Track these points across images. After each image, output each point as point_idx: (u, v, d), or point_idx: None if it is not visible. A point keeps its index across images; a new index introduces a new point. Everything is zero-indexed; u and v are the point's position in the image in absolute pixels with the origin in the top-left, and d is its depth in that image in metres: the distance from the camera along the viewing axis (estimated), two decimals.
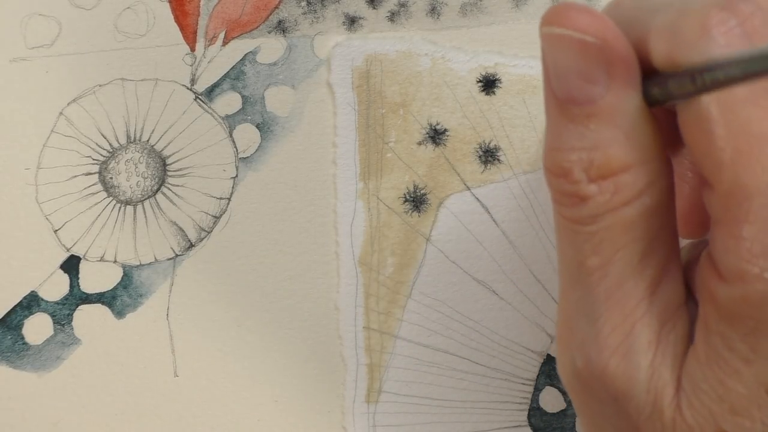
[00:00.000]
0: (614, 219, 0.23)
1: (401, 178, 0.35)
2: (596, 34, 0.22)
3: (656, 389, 0.23)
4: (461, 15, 0.35)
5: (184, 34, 0.35)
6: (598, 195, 0.23)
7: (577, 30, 0.22)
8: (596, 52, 0.22)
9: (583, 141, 0.23)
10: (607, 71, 0.22)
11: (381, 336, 0.35)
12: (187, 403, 0.35)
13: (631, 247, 0.23)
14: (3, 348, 0.35)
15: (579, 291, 0.24)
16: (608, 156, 0.22)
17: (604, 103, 0.22)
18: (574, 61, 0.23)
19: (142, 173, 0.35)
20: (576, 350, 0.24)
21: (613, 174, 0.23)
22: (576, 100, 0.23)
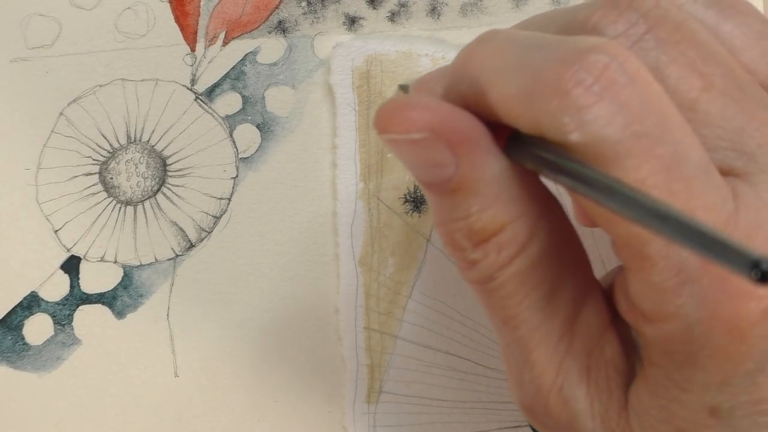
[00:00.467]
0: (507, 274, 0.23)
1: (401, 178, 0.35)
2: (424, 128, 0.22)
3: (600, 415, 0.24)
4: (461, 15, 0.35)
5: (184, 35, 0.35)
6: (484, 258, 0.23)
7: (405, 131, 0.22)
8: (431, 143, 0.22)
9: (457, 212, 0.23)
10: (451, 152, 0.23)
11: (381, 336, 0.35)
12: (187, 403, 0.35)
13: (534, 294, 0.24)
14: (3, 348, 0.35)
15: (504, 339, 0.25)
16: (482, 221, 0.23)
17: (459, 178, 0.23)
18: (415, 156, 0.23)
19: (142, 173, 0.35)
20: (519, 390, 0.25)
21: (493, 235, 0.23)
22: (434, 184, 0.23)
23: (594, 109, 0.21)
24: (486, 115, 0.23)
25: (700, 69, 0.22)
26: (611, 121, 0.21)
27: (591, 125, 0.21)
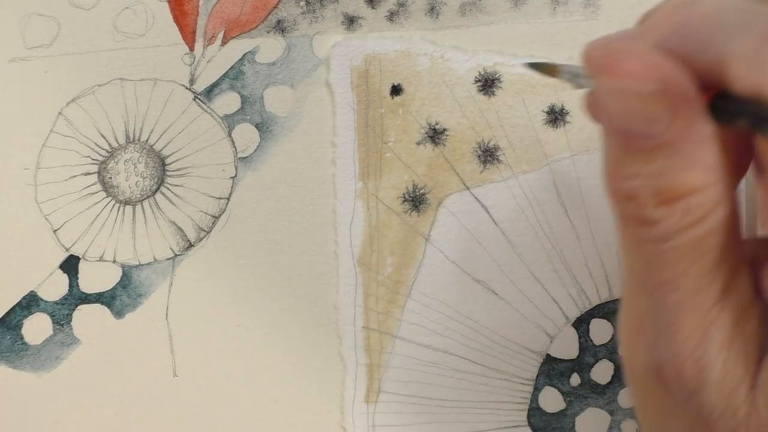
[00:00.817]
0: (684, 239, 0.23)
1: (400, 177, 0.35)
2: (654, 80, 0.22)
3: (729, 388, 0.24)
4: (460, 14, 0.35)
5: (183, 34, 0.35)
6: (667, 218, 0.23)
7: (633, 79, 0.22)
8: (657, 97, 0.22)
9: (648, 168, 0.23)
10: (670, 110, 0.22)
11: (380, 336, 0.35)
12: (187, 403, 0.35)
13: (702, 260, 0.23)
14: (2, 348, 0.35)
15: (648, 300, 0.24)
16: (675, 181, 0.23)
17: (668, 136, 0.23)
18: (634, 106, 0.23)
19: (141, 173, 0.35)
20: (648, 353, 0.25)
21: (682, 197, 0.23)
22: (639, 136, 0.23)
23: None
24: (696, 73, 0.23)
25: None
26: None
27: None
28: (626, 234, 0.24)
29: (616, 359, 0.35)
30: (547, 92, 0.35)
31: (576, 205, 0.35)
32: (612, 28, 0.34)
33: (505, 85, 0.35)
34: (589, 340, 0.35)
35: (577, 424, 0.35)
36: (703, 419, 0.24)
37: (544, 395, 0.35)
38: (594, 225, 0.35)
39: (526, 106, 0.35)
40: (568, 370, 0.35)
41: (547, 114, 0.35)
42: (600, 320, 0.35)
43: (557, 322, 0.35)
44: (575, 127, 0.35)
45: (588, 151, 0.35)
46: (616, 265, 0.35)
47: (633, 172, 0.23)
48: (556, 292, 0.35)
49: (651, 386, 0.25)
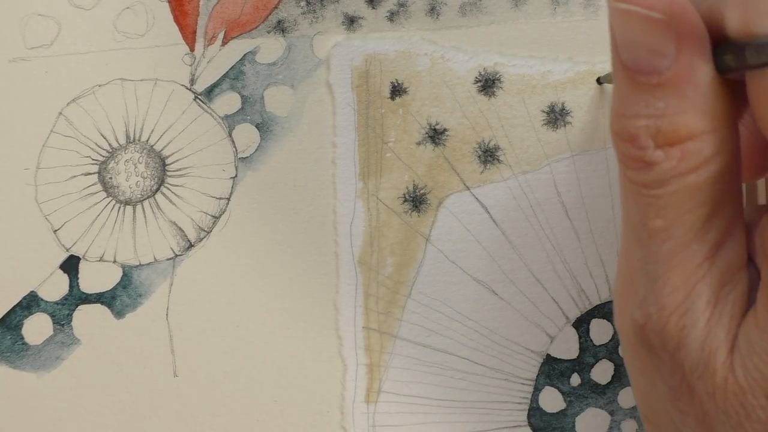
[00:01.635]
0: (680, 185, 0.23)
1: (401, 177, 0.35)
2: (663, 10, 0.22)
3: (710, 349, 0.24)
4: (460, 15, 0.35)
5: (183, 34, 0.35)
6: (665, 161, 0.23)
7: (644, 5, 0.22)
8: (663, 27, 0.22)
9: (650, 109, 0.23)
10: (675, 44, 0.22)
11: (380, 336, 0.35)
12: (187, 403, 0.35)
13: (696, 211, 0.23)
14: (3, 348, 0.35)
15: (642, 250, 0.24)
16: (675, 124, 0.23)
17: (672, 74, 0.23)
18: (641, 35, 0.23)
19: (141, 173, 0.35)
20: (636, 306, 0.25)
21: (680, 141, 0.23)
22: (643, 70, 0.23)
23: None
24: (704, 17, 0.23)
25: None
26: None
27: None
28: (625, 177, 0.24)
29: (616, 359, 0.35)
30: (547, 92, 0.35)
31: (576, 205, 0.35)
32: None
33: (505, 85, 0.35)
34: (589, 340, 0.35)
35: (577, 424, 0.35)
36: (686, 380, 0.24)
37: (544, 395, 0.35)
38: (594, 225, 0.35)
39: (526, 106, 0.35)
40: (568, 370, 0.35)
41: (547, 114, 0.35)
42: (600, 320, 0.35)
43: (557, 322, 0.35)
44: (575, 128, 0.35)
45: (588, 151, 0.35)
46: (616, 265, 0.35)
47: (635, 112, 0.23)
48: (556, 292, 0.35)
49: (637, 346, 0.25)
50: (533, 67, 0.35)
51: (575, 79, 0.35)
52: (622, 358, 0.35)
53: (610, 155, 0.35)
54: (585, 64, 0.35)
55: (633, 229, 0.25)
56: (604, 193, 0.35)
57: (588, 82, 0.35)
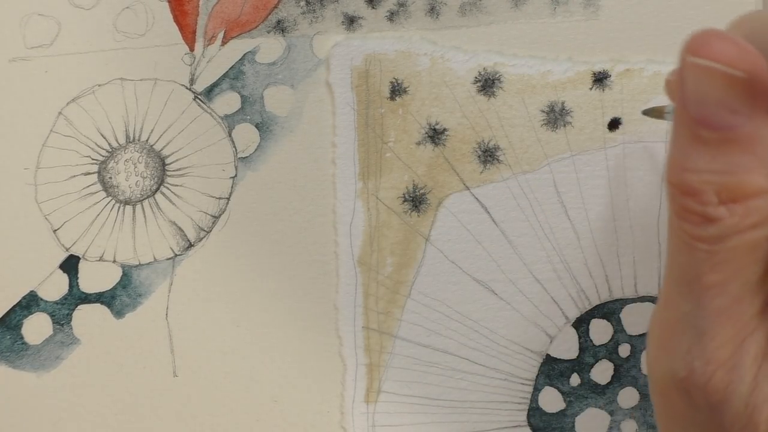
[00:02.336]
0: (740, 241, 0.23)
1: (400, 177, 0.35)
2: (744, 68, 0.22)
3: (755, 404, 0.23)
4: (460, 14, 0.35)
5: (183, 34, 0.35)
6: (728, 218, 0.23)
7: (724, 63, 0.22)
8: (742, 86, 0.22)
9: (716, 164, 0.23)
10: (751, 102, 0.22)
11: (380, 336, 0.35)
12: (186, 403, 0.35)
13: (753, 267, 0.23)
14: (2, 348, 0.35)
15: (690, 304, 0.24)
16: (742, 181, 0.22)
17: (744, 131, 0.22)
18: (718, 92, 0.22)
19: (141, 173, 0.35)
20: (680, 358, 0.24)
21: (746, 198, 0.23)
22: (714, 126, 0.23)
23: None
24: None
25: None
26: None
27: None
28: (680, 230, 0.24)
29: (616, 359, 0.35)
30: (547, 92, 0.35)
31: (576, 205, 0.35)
32: (612, 28, 0.34)
33: (505, 85, 0.35)
34: (589, 341, 0.35)
35: (576, 425, 0.35)
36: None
37: (543, 395, 0.35)
38: (594, 225, 0.35)
39: (526, 106, 0.35)
40: (567, 370, 0.35)
41: (546, 114, 0.35)
42: (600, 320, 0.35)
43: (557, 322, 0.35)
44: (575, 128, 0.35)
45: (588, 151, 0.35)
46: (616, 265, 0.35)
47: (699, 166, 0.23)
48: (556, 292, 0.35)
49: (675, 395, 0.25)
50: (533, 67, 0.35)
51: (575, 79, 0.35)
52: (622, 359, 0.35)
53: (609, 155, 0.35)
54: (585, 64, 0.35)
55: (682, 281, 0.24)
56: (603, 193, 0.35)
57: (588, 82, 0.35)
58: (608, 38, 0.35)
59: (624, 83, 0.34)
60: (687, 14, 0.34)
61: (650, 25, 0.34)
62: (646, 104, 0.34)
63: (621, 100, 0.34)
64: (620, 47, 0.34)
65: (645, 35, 0.34)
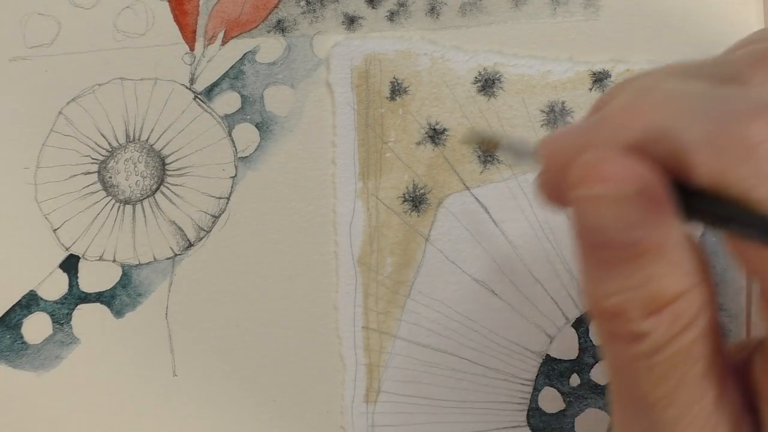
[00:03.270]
0: (675, 347, 0.22)
1: (400, 177, 0.35)
2: (632, 186, 0.21)
3: None
4: (460, 15, 0.35)
5: (183, 34, 0.35)
6: (657, 329, 0.22)
7: (611, 185, 0.21)
8: (634, 201, 0.21)
9: (630, 281, 0.22)
10: (647, 213, 0.21)
11: (380, 336, 0.35)
12: (186, 403, 0.35)
13: (694, 369, 0.23)
14: (2, 347, 0.35)
15: (644, 422, 0.23)
16: (661, 288, 0.22)
17: (647, 242, 0.22)
18: (610, 214, 0.22)
19: (141, 172, 0.35)
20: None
21: (669, 304, 0.22)
22: (617, 246, 0.22)
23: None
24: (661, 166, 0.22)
25: None
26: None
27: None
28: (614, 354, 0.23)
29: None
30: (547, 92, 0.35)
31: None
32: (612, 28, 0.34)
33: (505, 85, 0.35)
34: (588, 341, 0.35)
35: (576, 425, 0.35)
36: None
37: (543, 395, 0.35)
38: None
39: (526, 106, 0.35)
40: (567, 370, 0.35)
41: (546, 114, 0.35)
42: None
43: (557, 322, 0.35)
44: None
45: None
46: None
47: (614, 288, 0.22)
48: (556, 292, 0.35)
49: None
50: (533, 67, 0.35)
51: (575, 79, 0.35)
52: None
53: None
54: (585, 64, 0.35)
55: (629, 403, 0.24)
56: None
57: (588, 82, 0.35)
58: (608, 38, 0.35)
59: None
60: (687, 14, 0.34)
61: (650, 25, 0.34)
62: None
63: None
64: (620, 47, 0.34)
65: (645, 35, 0.34)
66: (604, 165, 0.22)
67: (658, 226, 0.22)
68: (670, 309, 0.22)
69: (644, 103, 0.22)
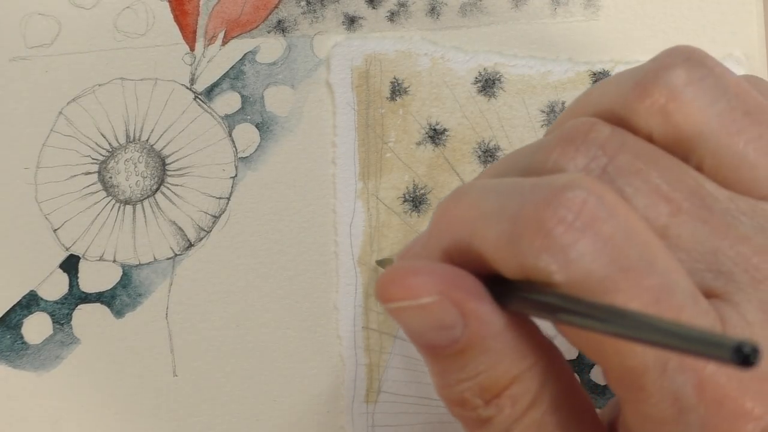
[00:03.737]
0: (522, 426, 0.23)
1: (401, 178, 0.35)
2: (431, 292, 0.22)
3: None
4: (461, 15, 0.35)
5: (183, 34, 0.35)
6: (498, 413, 0.23)
7: (413, 296, 0.22)
8: (439, 307, 0.22)
9: (465, 372, 0.23)
10: (457, 312, 0.22)
11: (380, 336, 0.35)
12: (186, 403, 0.35)
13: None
14: (2, 347, 0.35)
15: None
16: (492, 377, 0.23)
17: (466, 338, 0.22)
18: (423, 321, 0.22)
19: (141, 173, 0.35)
20: None
21: (505, 389, 0.23)
22: (438, 347, 0.23)
23: (578, 246, 0.20)
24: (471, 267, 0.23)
25: (665, 194, 0.22)
26: (596, 257, 0.20)
27: (577, 263, 0.20)
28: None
29: None
30: (547, 92, 0.35)
31: None
32: (612, 28, 0.34)
33: (505, 85, 0.35)
34: None
35: None
36: None
37: None
38: None
39: (526, 107, 0.35)
40: None
41: (547, 114, 0.35)
42: None
43: None
44: None
45: None
46: None
47: (453, 379, 0.23)
48: None
49: None
50: (533, 67, 0.35)
51: (575, 80, 0.35)
52: None
53: None
54: (585, 65, 0.35)
55: None
56: None
57: (588, 82, 0.35)
58: (608, 38, 0.35)
59: None
60: (687, 14, 0.34)
61: (650, 25, 0.34)
62: None
63: None
64: (620, 47, 0.34)
65: (645, 35, 0.34)
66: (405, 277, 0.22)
67: (471, 323, 0.22)
68: (506, 394, 0.23)
69: (453, 209, 0.23)
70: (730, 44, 0.34)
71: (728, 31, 0.34)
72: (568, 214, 0.21)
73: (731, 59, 0.34)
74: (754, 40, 0.35)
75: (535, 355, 0.23)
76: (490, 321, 0.22)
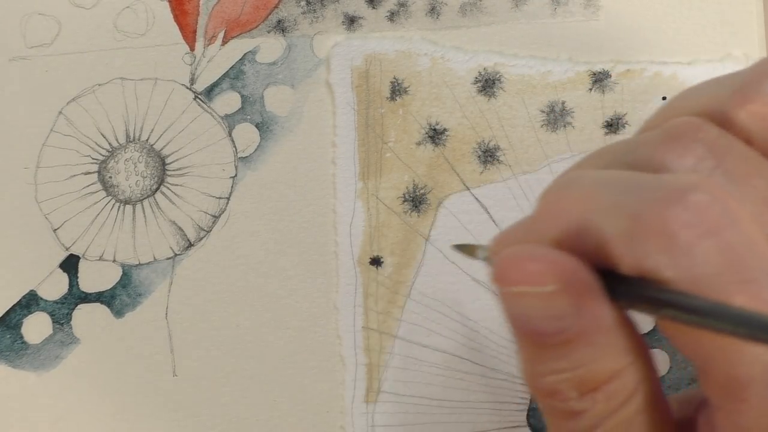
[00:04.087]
0: (612, 423, 0.23)
1: (400, 177, 0.35)
2: (554, 280, 0.22)
3: None
4: (461, 15, 0.35)
5: (183, 34, 0.35)
6: (592, 407, 0.23)
7: (534, 283, 0.22)
8: (559, 296, 0.22)
9: (564, 363, 0.23)
10: (573, 303, 0.22)
11: (380, 336, 0.35)
12: (186, 403, 0.35)
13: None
14: (2, 347, 0.35)
15: None
16: (593, 370, 0.22)
17: (577, 329, 0.22)
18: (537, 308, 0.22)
19: (141, 172, 0.35)
20: None
21: (602, 385, 0.23)
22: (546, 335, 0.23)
23: (701, 251, 0.20)
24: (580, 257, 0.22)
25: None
26: (719, 264, 0.20)
27: (698, 268, 0.20)
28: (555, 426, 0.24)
29: None
30: (547, 93, 0.35)
31: None
32: (612, 28, 0.34)
33: (505, 85, 0.35)
34: None
35: None
36: None
37: None
38: None
39: (526, 107, 0.35)
40: None
41: (547, 114, 0.35)
42: None
43: None
44: (575, 128, 0.35)
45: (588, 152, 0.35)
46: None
47: (549, 369, 0.23)
48: None
49: None
50: (533, 67, 0.35)
51: (575, 79, 0.35)
52: None
53: None
54: (585, 64, 0.35)
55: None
56: None
57: (588, 82, 0.35)
58: (608, 38, 0.35)
59: (624, 83, 0.34)
60: (687, 14, 0.34)
61: (650, 25, 0.34)
62: (645, 105, 0.34)
63: (621, 101, 0.34)
64: (620, 47, 0.34)
65: (645, 35, 0.34)
66: (528, 263, 0.22)
67: (584, 315, 0.22)
68: (604, 389, 0.23)
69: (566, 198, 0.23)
70: (730, 44, 0.34)
71: (728, 31, 0.34)
72: (692, 218, 0.20)
73: (731, 59, 0.34)
74: (754, 40, 0.35)
75: (634, 353, 0.23)
76: (602, 315, 0.22)
